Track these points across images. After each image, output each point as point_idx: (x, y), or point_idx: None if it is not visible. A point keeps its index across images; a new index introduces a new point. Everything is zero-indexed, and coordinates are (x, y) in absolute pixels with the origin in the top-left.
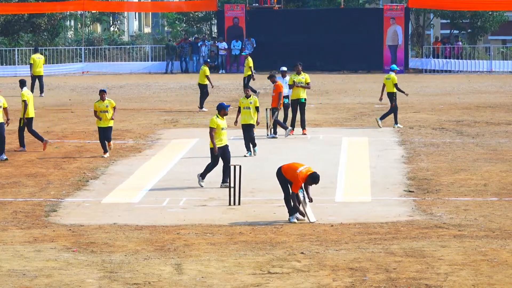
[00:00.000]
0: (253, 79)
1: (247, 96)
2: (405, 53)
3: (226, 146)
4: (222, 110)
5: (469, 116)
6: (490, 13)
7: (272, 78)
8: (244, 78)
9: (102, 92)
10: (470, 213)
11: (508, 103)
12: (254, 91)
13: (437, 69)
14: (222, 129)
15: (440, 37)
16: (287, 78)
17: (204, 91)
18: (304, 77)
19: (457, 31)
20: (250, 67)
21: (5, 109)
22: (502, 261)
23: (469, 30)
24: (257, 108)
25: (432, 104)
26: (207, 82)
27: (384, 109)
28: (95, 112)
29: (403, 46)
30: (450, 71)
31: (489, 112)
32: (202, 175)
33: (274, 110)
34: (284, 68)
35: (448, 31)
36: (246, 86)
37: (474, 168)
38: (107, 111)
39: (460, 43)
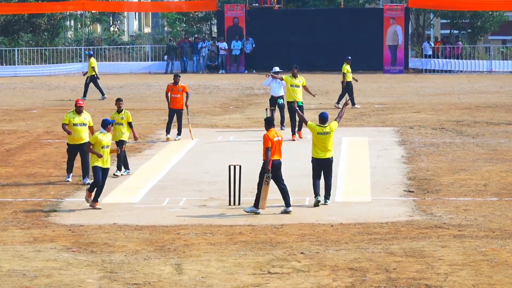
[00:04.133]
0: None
1: (119, 111)
2: (405, 53)
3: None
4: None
5: (469, 116)
6: (490, 13)
7: (175, 78)
8: (88, 78)
9: (80, 105)
10: (470, 213)
11: (508, 103)
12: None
13: (437, 69)
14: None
15: (440, 37)
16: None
17: None
18: (301, 80)
19: (457, 31)
20: (93, 67)
21: (90, 128)
22: (502, 261)
23: (469, 30)
24: (129, 124)
25: (432, 104)
26: None
27: (385, 109)
28: (64, 125)
29: (403, 46)
30: (450, 71)
31: (489, 112)
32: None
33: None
34: (277, 69)
35: (448, 31)
36: (118, 99)
37: (474, 168)
38: (84, 124)
39: (460, 43)
